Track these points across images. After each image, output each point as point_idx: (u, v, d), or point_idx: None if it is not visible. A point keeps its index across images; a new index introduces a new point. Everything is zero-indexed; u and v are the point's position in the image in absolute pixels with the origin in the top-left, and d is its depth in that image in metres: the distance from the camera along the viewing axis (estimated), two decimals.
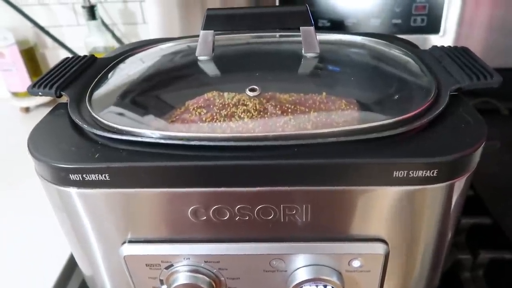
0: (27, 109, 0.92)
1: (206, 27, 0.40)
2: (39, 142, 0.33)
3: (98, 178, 0.30)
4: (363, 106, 0.35)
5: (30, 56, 0.91)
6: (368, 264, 0.34)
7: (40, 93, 0.38)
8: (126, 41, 0.93)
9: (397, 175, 0.29)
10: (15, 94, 0.92)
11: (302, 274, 0.34)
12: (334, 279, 0.34)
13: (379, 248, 0.33)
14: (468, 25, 0.73)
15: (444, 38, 0.73)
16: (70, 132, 0.34)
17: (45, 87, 0.38)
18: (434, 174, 0.29)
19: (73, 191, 0.32)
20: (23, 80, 0.90)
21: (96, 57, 0.45)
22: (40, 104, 0.92)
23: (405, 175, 0.29)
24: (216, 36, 0.42)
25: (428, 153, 0.29)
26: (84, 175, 0.30)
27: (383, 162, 0.29)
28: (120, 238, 0.35)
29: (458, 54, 0.39)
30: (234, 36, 0.47)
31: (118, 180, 0.30)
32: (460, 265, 0.49)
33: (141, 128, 0.32)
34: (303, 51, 0.41)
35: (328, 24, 0.74)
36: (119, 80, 0.41)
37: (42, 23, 0.90)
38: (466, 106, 0.34)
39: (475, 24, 0.73)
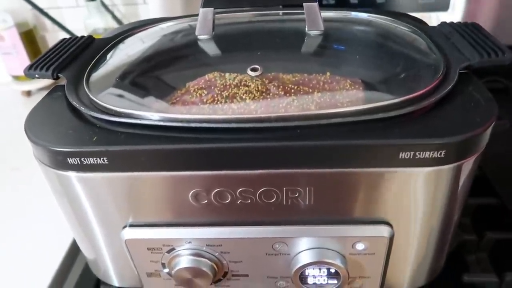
0: (28, 93, 0.91)
1: (205, 4, 0.38)
2: (36, 126, 0.32)
3: (97, 161, 0.30)
4: (369, 86, 0.34)
5: (29, 38, 0.90)
6: (372, 247, 0.33)
7: (36, 75, 0.37)
8: (127, 22, 0.91)
9: (403, 157, 0.28)
10: (16, 78, 0.91)
11: (305, 257, 0.33)
12: (338, 262, 0.33)
13: (384, 231, 0.32)
14: (476, 1, 0.71)
15: (452, 15, 0.71)
16: (67, 115, 0.33)
17: (41, 69, 0.37)
18: (442, 155, 0.28)
19: (72, 175, 0.31)
20: (24, 64, 0.89)
21: (94, 38, 0.44)
22: (41, 88, 0.91)
23: (411, 157, 0.28)
24: (216, 15, 0.41)
25: (435, 134, 0.28)
26: (82, 159, 0.30)
27: (388, 144, 0.28)
28: (121, 222, 0.34)
29: (468, 31, 0.38)
30: (235, 14, 0.46)
31: (117, 163, 0.30)
32: (465, 246, 0.48)
33: (141, 110, 0.31)
34: (306, 29, 0.39)
35: (332, 2, 0.72)
36: (117, 61, 0.40)
37: (41, 4, 0.88)
38: (476, 85, 0.33)
39: (484, 0, 0.71)
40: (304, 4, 0.38)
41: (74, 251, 0.52)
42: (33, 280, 0.48)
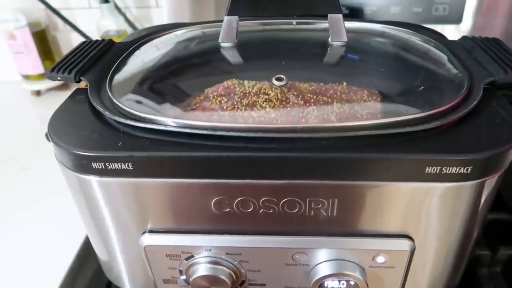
0: (38, 92, 0.91)
1: (231, 12, 0.39)
2: (60, 129, 0.32)
3: (121, 167, 0.29)
4: (388, 98, 0.34)
5: (41, 38, 0.90)
6: (392, 260, 0.33)
7: (59, 78, 0.37)
8: (139, 25, 0.91)
9: (429, 171, 0.28)
10: (26, 77, 0.91)
11: (324, 269, 0.33)
12: (357, 274, 0.33)
13: (405, 245, 0.32)
14: (487, 13, 0.71)
15: (461, 28, 0.71)
16: (91, 118, 0.33)
17: (64, 71, 0.37)
18: (468, 171, 0.28)
19: (93, 179, 0.31)
20: (35, 63, 0.89)
21: (114, 42, 0.44)
22: (51, 88, 0.91)
23: (437, 171, 0.28)
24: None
25: (462, 149, 0.28)
26: (106, 164, 0.30)
27: (416, 158, 0.28)
28: (140, 228, 0.34)
29: (490, 46, 0.38)
30: (256, 22, 0.46)
31: (141, 169, 0.30)
32: (478, 261, 0.48)
33: (163, 116, 0.31)
34: (329, 40, 0.39)
35: (346, 12, 0.72)
36: (138, 66, 0.40)
37: (54, 5, 0.88)
38: (500, 100, 0.33)
39: (494, 12, 0.71)
40: (328, 15, 0.38)
41: (85, 251, 0.51)
42: (44, 280, 0.48)
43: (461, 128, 0.30)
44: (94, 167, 0.30)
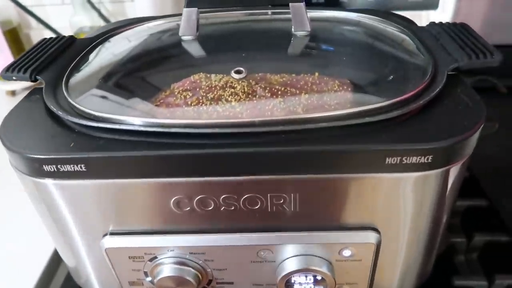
0: (13, 93, 0.89)
1: (189, 4, 0.37)
2: (12, 131, 0.31)
3: (74, 168, 0.28)
4: (357, 87, 0.33)
5: (14, 37, 0.88)
6: (359, 253, 0.32)
7: (14, 78, 0.36)
8: (114, 20, 0.89)
9: (390, 162, 0.27)
10: (0, 77, 0.88)
11: (291, 265, 0.33)
12: (324, 269, 0.33)
13: (371, 237, 0.32)
14: None
15: (443, 13, 0.71)
16: (45, 119, 0.32)
17: (19, 70, 0.36)
18: (429, 160, 0.27)
19: (49, 182, 0.30)
20: (8, 62, 0.87)
21: (75, 38, 0.43)
22: (26, 87, 0.89)
23: (398, 162, 0.27)
24: (203, 15, 0.40)
25: (422, 138, 0.27)
26: (58, 166, 0.28)
27: (374, 149, 0.27)
28: (102, 230, 0.33)
29: (457, 31, 0.37)
30: (221, 14, 0.45)
31: (95, 170, 0.29)
32: (454, 248, 0.48)
33: (121, 114, 0.30)
34: (292, 29, 0.38)
35: (322, 0, 0.71)
36: (99, 63, 0.39)
37: (25, 2, 0.86)
38: (464, 87, 0.32)
39: None
40: (290, 4, 0.37)
41: (56, 258, 0.50)
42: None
43: (424, 116, 0.29)
44: (46, 170, 0.29)
